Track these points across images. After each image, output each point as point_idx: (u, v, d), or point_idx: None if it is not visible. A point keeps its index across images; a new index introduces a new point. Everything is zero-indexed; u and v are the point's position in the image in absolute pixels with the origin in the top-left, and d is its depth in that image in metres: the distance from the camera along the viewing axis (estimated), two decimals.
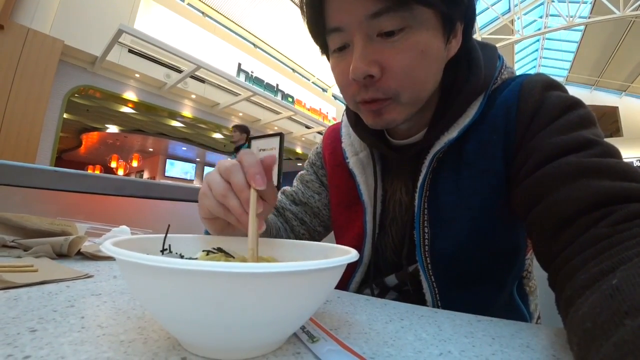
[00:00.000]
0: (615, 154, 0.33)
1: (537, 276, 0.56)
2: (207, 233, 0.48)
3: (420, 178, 0.45)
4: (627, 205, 0.27)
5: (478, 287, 0.45)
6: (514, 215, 0.42)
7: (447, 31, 0.39)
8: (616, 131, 11.57)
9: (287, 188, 0.66)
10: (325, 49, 0.44)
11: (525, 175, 0.37)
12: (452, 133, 0.43)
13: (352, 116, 0.52)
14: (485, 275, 0.45)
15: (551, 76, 0.42)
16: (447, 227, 0.44)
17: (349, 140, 0.56)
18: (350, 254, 0.23)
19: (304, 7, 0.41)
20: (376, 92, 0.40)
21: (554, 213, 0.31)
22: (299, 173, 0.66)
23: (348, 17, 0.37)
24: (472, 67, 0.44)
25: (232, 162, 0.34)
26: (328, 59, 0.45)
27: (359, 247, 0.52)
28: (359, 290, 0.54)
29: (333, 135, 0.61)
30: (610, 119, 11.86)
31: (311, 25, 0.41)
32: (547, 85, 0.41)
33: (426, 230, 0.44)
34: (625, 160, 0.32)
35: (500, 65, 0.46)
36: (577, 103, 0.39)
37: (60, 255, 0.55)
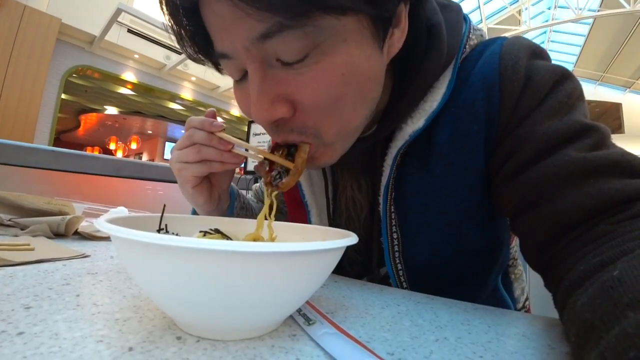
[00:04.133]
0: (609, 136, 0.31)
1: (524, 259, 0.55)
2: (194, 214, 0.48)
3: (384, 179, 0.38)
4: (635, 203, 0.26)
5: (456, 289, 0.41)
6: (494, 211, 0.38)
7: (382, 32, 0.29)
8: (618, 128, 11.51)
9: (256, 185, 0.66)
10: (219, 68, 0.34)
11: (517, 171, 0.32)
12: (418, 122, 0.35)
13: None
14: (465, 277, 0.42)
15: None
16: (419, 232, 0.38)
17: None
18: (350, 237, 0.23)
19: (178, 31, 0.30)
20: (289, 132, 0.31)
21: (560, 220, 0.28)
22: None
23: (231, 41, 0.27)
24: (432, 37, 0.35)
25: (185, 134, 0.37)
26: None
27: None
28: None
29: None
30: (612, 115, 11.78)
31: (192, 51, 0.31)
32: (531, 54, 0.34)
33: (395, 237, 0.39)
34: None
35: (467, 30, 0.37)
36: (564, 75, 0.33)
37: (58, 234, 0.55)
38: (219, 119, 0.37)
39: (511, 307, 0.49)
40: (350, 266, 0.48)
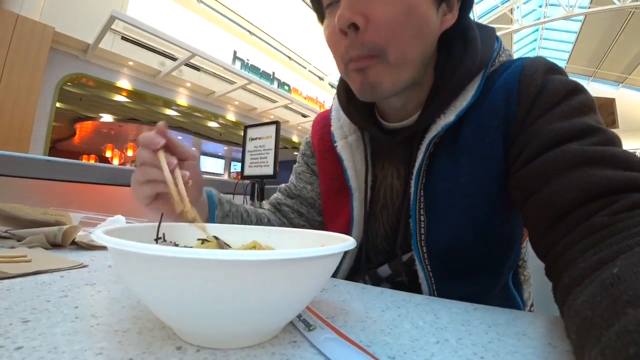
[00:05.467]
0: (617, 141, 0.32)
1: (531, 265, 0.56)
2: None
3: (417, 164, 0.43)
4: (629, 195, 0.27)
5: (473, 277, 0.45)
6: (510, 204, 0.42)
7: (440, 2, 0.39)
8: (612, 123, 11.59)
9: (282, 185, 0.66)
10: (321, 14, 0.44)
11: (525, 162, 0.36)
12: (450, 117, 0.41)
13: (343, 96, 0.51)
14: (481, 265, 0.45)
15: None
16: (443, 216, 0.43)
17: (339, 124, 0.55)
18: (347, 242, 0.23)
19: None
20: (362, 47, 0.39)
21: (554, 202, 0.30)
22: (294, 167, 0.67)
23: None
24: (468, 46, 0.43)
25: (137, 153, 0.38)
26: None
27: (347, 234, 0.51)
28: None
29: (322, 121, 0.60)
30: (607, 110, 11.87)
31: None
32: (549, 69, 0.40)
33: (422, 219, 0.43)
34: None
35: (498, 47, 0.44)
36: (578, 88, 0.38)
37: (55, 245, 0.55)
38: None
39: (521, 307, 0.51)
40: (376, 255, 0.51)
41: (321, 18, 0.45)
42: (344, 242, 0.23)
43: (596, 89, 11.60)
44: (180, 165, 0.37)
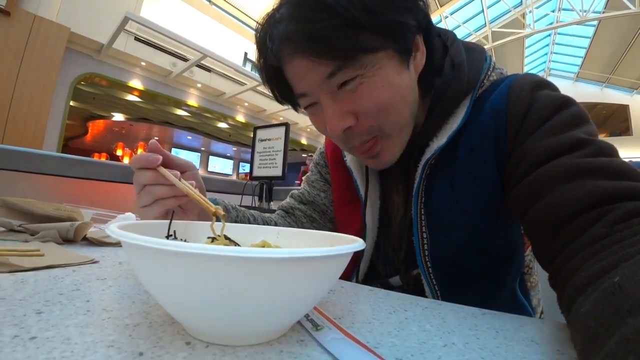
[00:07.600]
0: (610, 151, 0.33)
1: (540, 272, 0.56)
2: None
3: (415, 186, 0.45)
4: (622, 204, 0.27)
5: (479, 287, 0.46)
6: (510, 216, 0.43)
7: (405, 57, 0.40)
8: (626, 130, 11.38)
9: (294, 191, 0.68)
10: (296, 107, 0.47)
11: (520, 179, 0.37)
12: (442, 139, 0.43)
13: None
14: (485, 275, 0.46)
15: (561, 72, 0.41)
16: (445, 232, 0.44)
17: None
18: (356, 243, 0.23)
19: (267, 83, 0.45)
20: (360, 136, 0.42)
21: (550, 215, 0.31)
22: (305, 175, 0.69)
23: (309, 83, 0.39)
24: (455, 71, 0.44)
25: (134, 178, 0.38)
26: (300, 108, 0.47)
27: None
28: None
29: None
30: (620, 117, 11.66)
31: (280, 97, 0.46)
32: (535, 85, 0.40)
33: (425, 236, 0.45)
34: (635, 159, 0.31)
35: (487, 67, 0.45)
36: (567, 101, 0.38)
37: (67, 240, 0.56)
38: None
39: (531, 314, 0.51)
40: (384, 266, 0.53)
41: (296, 108, 0.47)
42: (353, 243, 0.23)
43: (610, 95, 11.40)
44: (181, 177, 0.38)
